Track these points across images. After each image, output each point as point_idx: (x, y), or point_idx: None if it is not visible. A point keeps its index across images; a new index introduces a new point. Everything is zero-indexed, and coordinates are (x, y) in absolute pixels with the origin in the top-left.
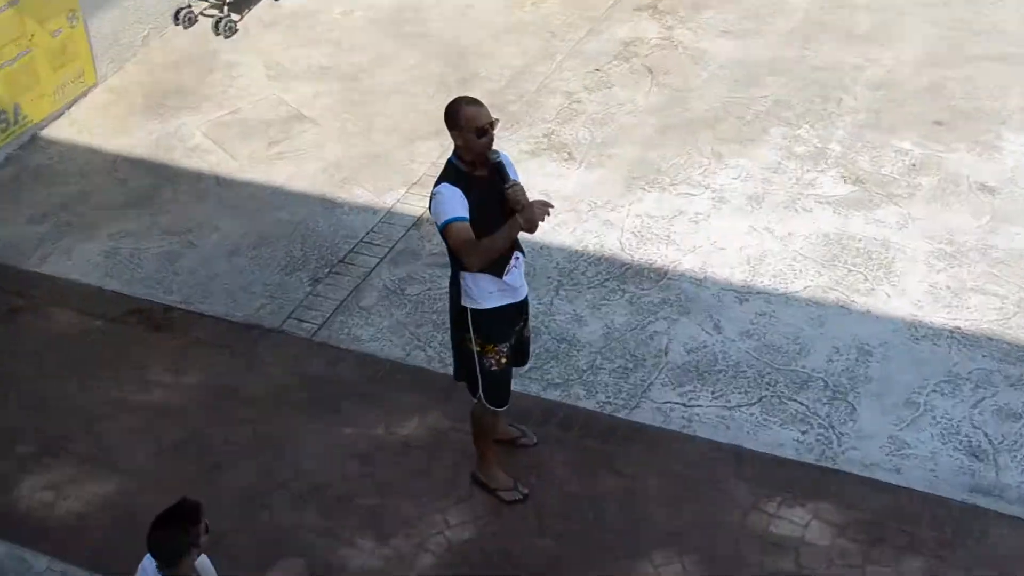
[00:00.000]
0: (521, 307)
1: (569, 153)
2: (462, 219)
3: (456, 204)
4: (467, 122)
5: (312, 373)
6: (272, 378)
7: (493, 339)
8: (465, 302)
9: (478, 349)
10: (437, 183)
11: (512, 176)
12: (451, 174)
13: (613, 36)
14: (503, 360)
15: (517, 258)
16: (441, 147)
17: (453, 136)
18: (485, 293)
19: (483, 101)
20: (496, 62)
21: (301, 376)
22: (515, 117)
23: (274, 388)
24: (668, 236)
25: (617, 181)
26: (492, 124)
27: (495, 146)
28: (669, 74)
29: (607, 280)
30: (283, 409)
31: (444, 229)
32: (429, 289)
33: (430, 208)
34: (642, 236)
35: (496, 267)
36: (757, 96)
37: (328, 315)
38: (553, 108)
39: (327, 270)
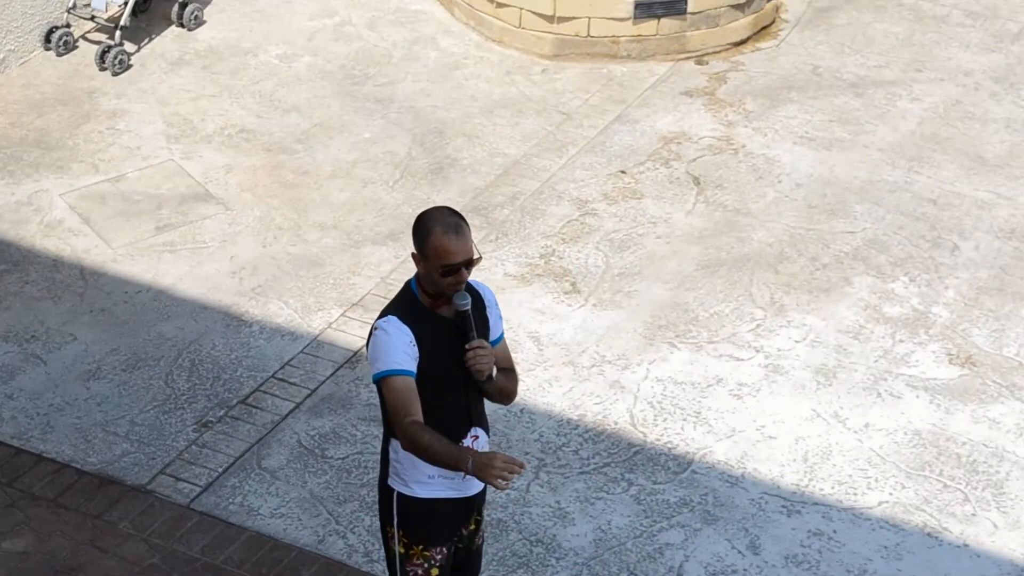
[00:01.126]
0: (471, 504)
1: (573, 284)
2: (405, 373)
3: (400, 351)
4: (435, 252)
5: (184, 555)
6: (128, 558)
7: (422, 539)
8: (392, 482)
9: (401, 550)
10: (383, 313)
11: (486, 326)
12: (404, 305)
13: (650, 128)
14: (433, 572)
15: (475, 437)
16: (396, 258)
17: (415, 256)
18: (420, 475)
19: (464, 199)
20: (484, 147)
21: (168, 559)
22: (503, 227)
23: (128, 574)
24: (698, 413)
25: (635, 330)
26: (470, 264)
27: (472, 276)
28: (723, 188)
29: (607, 465)
30: None
31: (380, 381)
32: (360, 453)
33: (367, 345)
34: (662, 409)
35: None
36: (841, 231)
37: (216, 475)
38: (557, 219)
39: (221, 412)
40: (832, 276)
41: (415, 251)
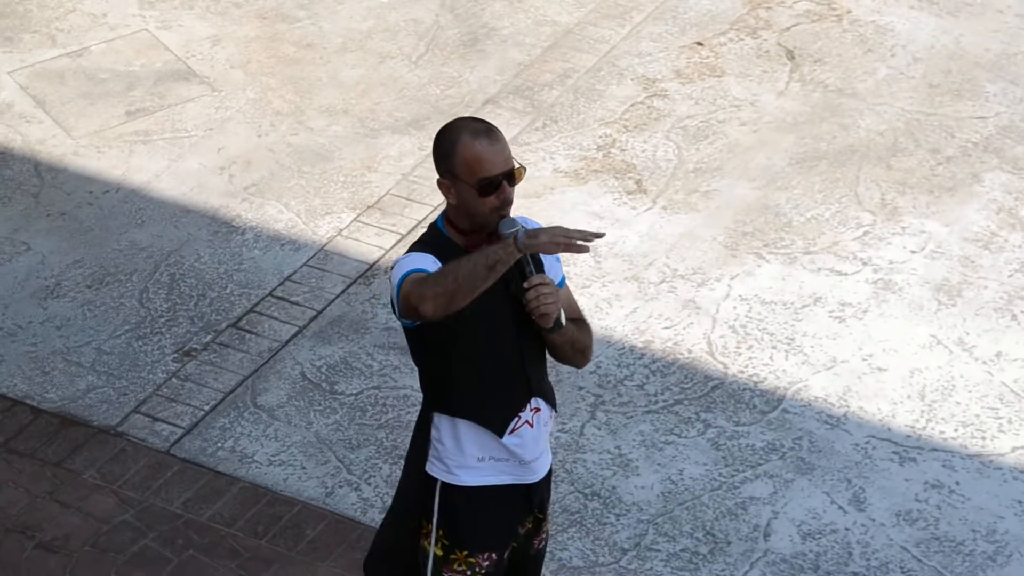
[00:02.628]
0: (531, 494)
1: (638, 182)
2: (423, 270)
3: (423, 260)
4: (466, 166)
5: (162, 510)
6: (95, 514)
7: (468, 543)
8: (432, 467)
9: (439, 553)
10: (408, 251)
11: (540, 267)
12: (431, 242)
13: None
14: None
15: (536, 410)
16: (420, 150)
17: (441, 184)
18: (467, 459)
19: (504, 78)
20: (529, 13)
21: (144, 515)
22: (552, 112)
23: (95, 532)
24: (791, 339)
25: (715, 238)
26: (513, 176)
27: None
28: (822, 64)
29: (679, 403)
30: (104, 571)
31: (400, 288)
32: (376, 388)
33: (392, 281)
34: (746, 334)
35: (493, 416)
36: (969, 116)
37: (202, 414)
38: (619, 103)
39: (207, 338)
40: (958, 172)
41: (440, 177)
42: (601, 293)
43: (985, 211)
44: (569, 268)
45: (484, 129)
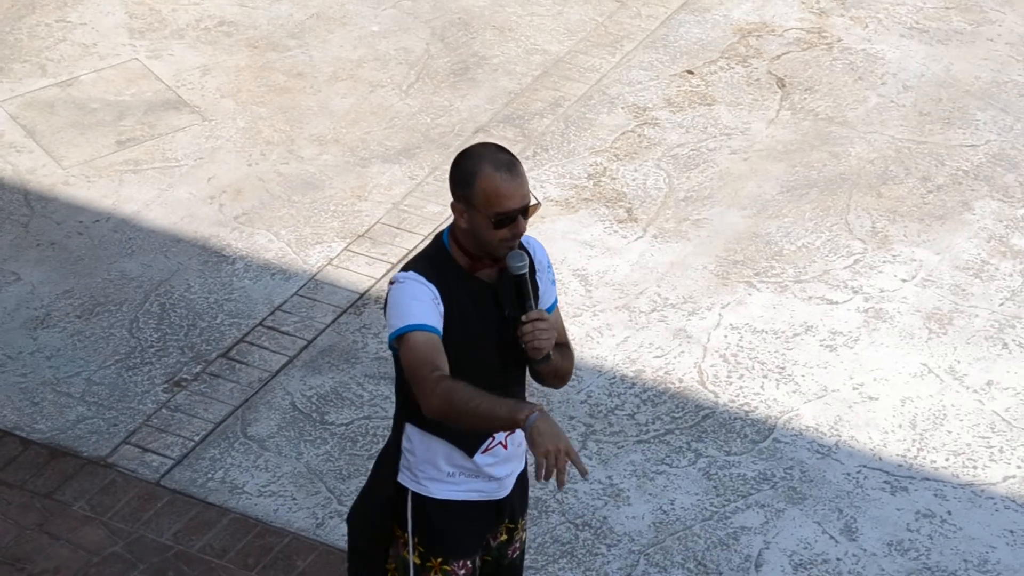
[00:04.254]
0: (501, 507)
1: (628, 211)
2: (429, 329)
3: (423, 304)
4: (484, 198)
5: (153, 542)
6: (85, 546)
7: (442, 550)
8: (403, 478)
9: (416, 561)
10: (404, 268)
11: (537, 293)
12: (432, 261)
13: (724, 17)
14: None
15: (512, 432)
16: (411, 179)
17: (455, 207)
18: (436, 472)
19: (495, 106)
20: (519, 44)
21: (134, 546)
22: (543, 141)
23: (85, 564)
24: (782, 368)
25: (705, 266)
26: (527, 211)
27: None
28: (813, 92)
29: (670, 432)
30: None
31: (398, 341)
32: (367, 418)
33: (384, 306)
34: (737, 363)
35: (467, 436)
36: (959, 144)
37: (192, 445)
38: (609, 131)
39: (197, 368)
40: (948, 200)
41: (455, 200)
42: (592, 322)
43: (976, 239)
44: (560, 297)
45: (507, 162)
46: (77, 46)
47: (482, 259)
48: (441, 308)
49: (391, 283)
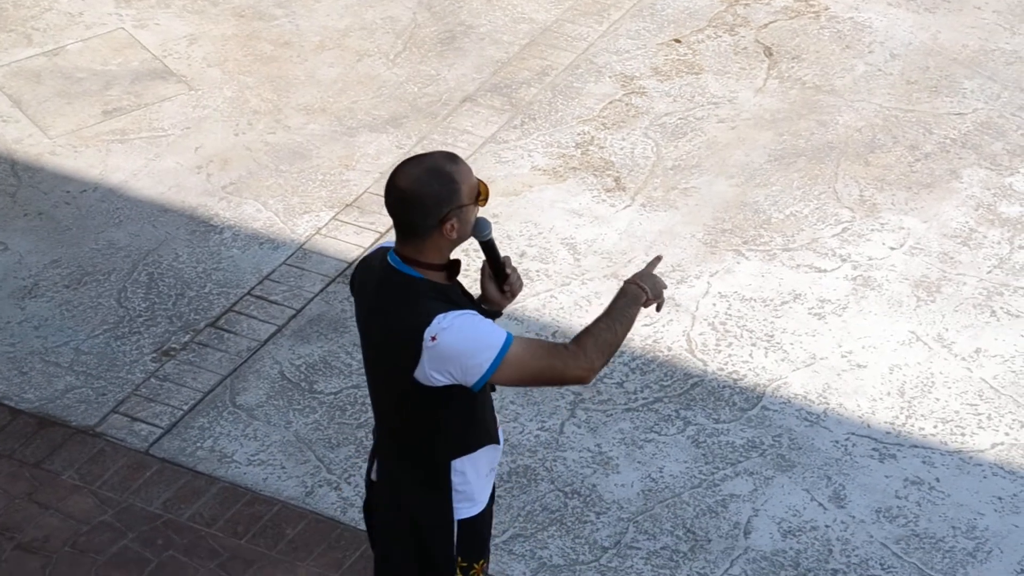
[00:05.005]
0: None
1: (616, 179)
2: (510, 336)
3: (487, 323)
4: (469, 186)
5: (142, 511)
6: (74, 515)
7: (483, 550)
8: (461, 511)
9: None
10: (428, 313)
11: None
12: (437, 294)
13: None
14: None
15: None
16: (398, 147)
17: (444, 228)
18: (482, 479)
19: (482, 76)
20: (507, 11)
21: (123, 515)
22: (530, 110)
23: (74, 533)
24: (770, 336)
25: (693, 235)
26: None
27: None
28: (800, 61)
29: (659, 400)
30: (84, 571)
31: (500, 366)
32: (356, 387)
33: (434, 354)
34: (726, 331)
35: (494, 429)
36: (947, 112)
37: (181, 414)
38: (596, 100)
39: (186, 337)
40: (936, 168)
41: (443, 221)
42: (580, 291)
43: (964, 207)
44: (548, 265)
45: (448, 154)
46: (63, 15)
47: (454, 268)
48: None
49: (433, 338)
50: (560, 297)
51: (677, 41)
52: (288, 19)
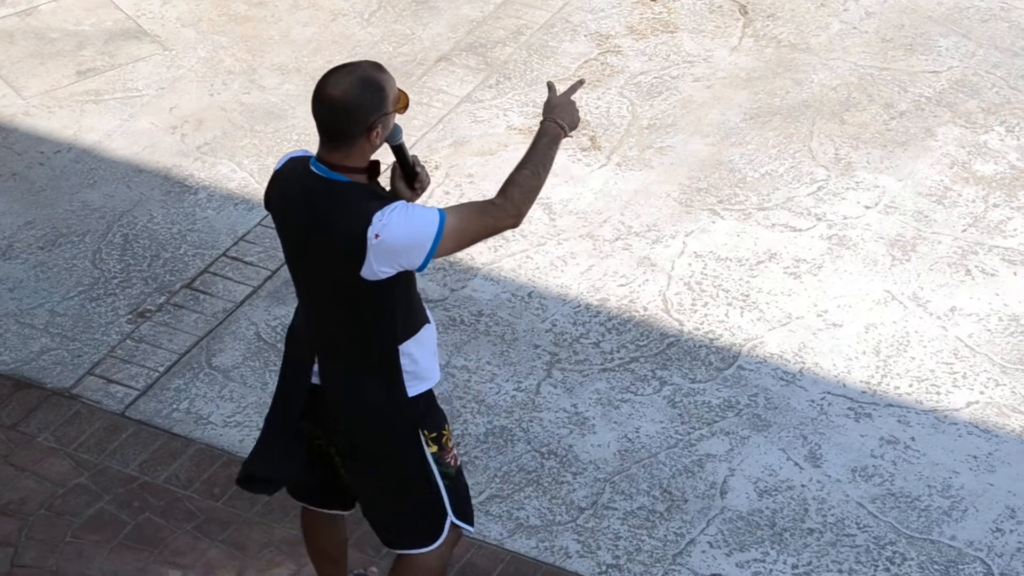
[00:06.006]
0: None
1: (592, 139)
2: (443, 212)
3: (420, 207)
4: (394, 94)
5: (118, 473)
6: (50, 477)
7: (444, 418)
8: (413, 389)
9: (434, 450)
10: (366, 213)
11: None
12: (367, 194)
13: None
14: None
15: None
16: None
17: (371, 135)
18: (431, 357)
19: (457, 35)
20: None
21: (99, 477)
22: (505, 69)
23: (50, 495)
24: (746, 296)
25: (669, 194)
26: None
27: None
28: (775, 19)
29: (635, 360)
30: (60, 534)
31: (442, 235)
32: None
33: (380, 250)
34: (701, 291)
35: (421, 306)
36: (921, 70)
37: (156, 376)
38: (572, 59)
39: (161, 299)
40: (911, 126)
41: (371, 128)
42: (556, 251)
43: (938, 165)
44: (524, 226)
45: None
46: None
47: (375, 168)
48: None
49: (376, 236)
50: (536, 257)
51: (652, 0)
52: None
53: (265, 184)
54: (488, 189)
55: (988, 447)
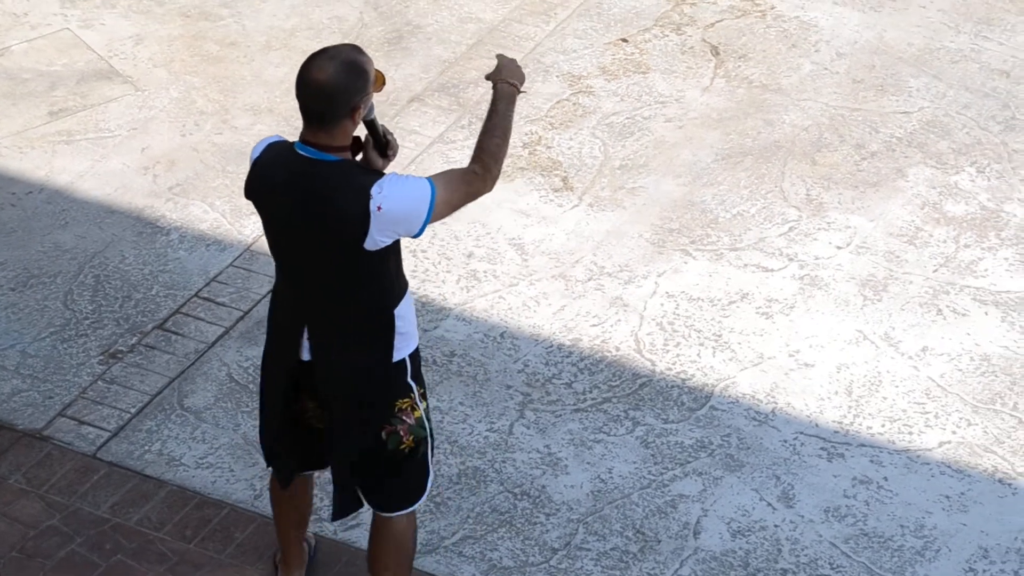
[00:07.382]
0: None
1: (564, 179)
2: (431, 181)
3: (410, 177)
4: (373, 77)
5: (90, 515)
6: (21, 519)
7: (423, 378)
8: (401, 351)
9: (425, 404)
10: (364, 188)
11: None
12: (357, 170)
13: None
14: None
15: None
16: None
17: (354, 117)
18: (415, 317)
19: (429, 75)
20: (453, 10)
21: (70, 519)
22: (477, 110)
23: (22, 537)
24: (718, 336)
25: (641, 235)
26: None
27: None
28: (747, 60)
29: (608, 401)
30: None
31: (434, 202)
32: None
33: (383, 221)
34: (674, 331)
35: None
36: (892, 111)
37: (128, 417)
38: (544, 99)
39: (133, 340)
40: (882, 167)
41: (352, 110)
42: (528, 291)
43: (909, 206)
44: (496, 266)
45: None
46: (8, 16)
47: (357, 143)
48: None
49: (379, 208)
50: (508, 298)
51: (624, 40)
52: (234, 19)
53: (237, 225)
54: (460, 230)
55: (961, 487)
